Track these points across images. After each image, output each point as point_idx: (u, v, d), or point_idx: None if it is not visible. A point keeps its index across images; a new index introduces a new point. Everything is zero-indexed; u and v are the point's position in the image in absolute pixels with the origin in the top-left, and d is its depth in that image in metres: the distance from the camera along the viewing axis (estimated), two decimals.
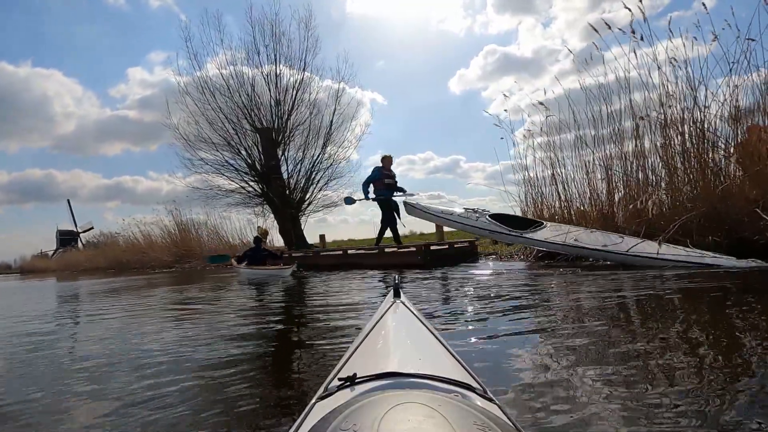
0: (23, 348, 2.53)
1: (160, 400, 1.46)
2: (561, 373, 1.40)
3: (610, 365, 1.45)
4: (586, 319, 2.20)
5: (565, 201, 6.37)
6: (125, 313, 3.95)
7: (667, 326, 1.98)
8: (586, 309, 2.47)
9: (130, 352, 2.27)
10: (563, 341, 1.81)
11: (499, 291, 3.48)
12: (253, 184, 12.38)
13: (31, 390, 1.65)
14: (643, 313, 2.37)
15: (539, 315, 2.42)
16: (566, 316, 2.32)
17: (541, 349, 1.72)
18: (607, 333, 1.88)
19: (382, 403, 0.47)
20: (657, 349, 1.60)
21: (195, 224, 15.70)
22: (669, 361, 1.45)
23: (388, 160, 7.49)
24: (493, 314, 2.51)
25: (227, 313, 3.48)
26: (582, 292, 3.10)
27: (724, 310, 2.28)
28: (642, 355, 1.52)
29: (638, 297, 2.75)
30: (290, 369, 1.82)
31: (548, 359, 1.57)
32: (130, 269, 16.27)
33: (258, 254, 7.89)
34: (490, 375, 1.43)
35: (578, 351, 1.64)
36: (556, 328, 2.04)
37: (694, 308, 2.42)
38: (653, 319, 2.18)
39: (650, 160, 5.48)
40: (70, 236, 37.91)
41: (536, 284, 3.81)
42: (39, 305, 5.39)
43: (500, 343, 1.87)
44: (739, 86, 4.75)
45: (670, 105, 5.20)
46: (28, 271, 30.82)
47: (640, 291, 2.95)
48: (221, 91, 11.71)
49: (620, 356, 1.54)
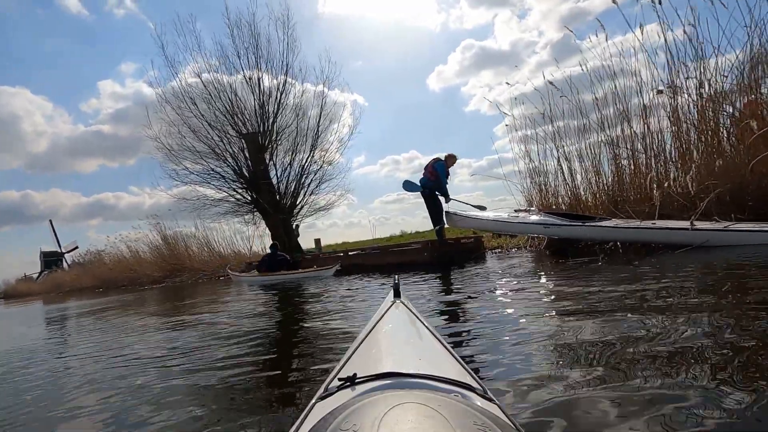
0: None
1: (159, 400, 1.51)
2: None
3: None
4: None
5: (573, 188, 6.43)
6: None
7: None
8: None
9: (128, 349, 2.31)
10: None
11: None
12: (242, 191, 12.41)
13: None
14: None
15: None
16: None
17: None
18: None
19: (382, 404, 0.49)
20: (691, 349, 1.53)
21: (183, 237, 15.73)
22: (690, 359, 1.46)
23: (453, 159, 7.23)
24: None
25: (239, 316, 3.51)
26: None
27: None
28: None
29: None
30: (290, 369, 1.85)
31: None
32: (119, 287, 16.30)
33: (275, 260, 8.41)
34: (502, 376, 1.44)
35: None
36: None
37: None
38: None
39: (659, 137, 5.54)
40: (54, 257, 37.94)
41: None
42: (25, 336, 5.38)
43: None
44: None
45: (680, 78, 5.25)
46: (11, 296, 30.75)
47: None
48: (202, 98, 11.75)
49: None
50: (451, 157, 7.17)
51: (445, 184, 6.96)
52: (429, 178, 7.02)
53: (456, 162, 7.22)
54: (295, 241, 12.36)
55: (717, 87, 5.05)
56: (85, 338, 3.60)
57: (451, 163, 7.14)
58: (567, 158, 6.46)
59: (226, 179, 12.30)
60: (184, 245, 15.58)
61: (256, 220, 12.84)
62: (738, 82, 4.97)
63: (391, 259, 7.39)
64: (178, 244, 15.72)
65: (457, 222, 6.46)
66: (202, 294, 7.63)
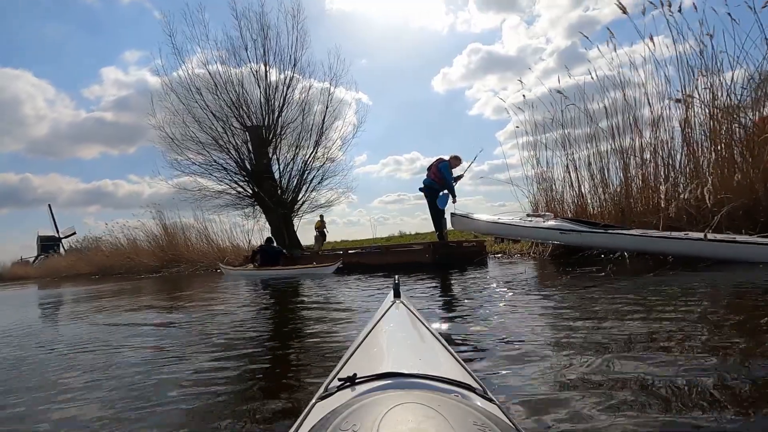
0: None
1: (158, 400, 1.50)
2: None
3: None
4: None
5: (579, 195, 6.42)
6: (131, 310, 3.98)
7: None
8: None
9: (127, 346, 2.31)
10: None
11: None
12: (243, 184, 12.43)
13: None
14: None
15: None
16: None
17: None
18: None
19: (382, 404, 0.49)
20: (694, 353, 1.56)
21: (183, 227, 15.77)
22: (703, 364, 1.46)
23: (458, 161, 7.19)
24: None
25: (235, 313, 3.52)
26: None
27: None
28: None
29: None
30: (290, 369, 1.85)
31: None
32: (115, 275, 16.35)
33: (272, 252, 8.46)
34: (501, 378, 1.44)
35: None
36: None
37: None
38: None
39: (668, 147, 5.52)
40: (51, 242, 38.10)
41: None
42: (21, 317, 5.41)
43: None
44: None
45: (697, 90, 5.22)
46: (7, 279, 30.94)
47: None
48: (208, 88, 11.77)
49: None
50: (456, 158, 7.12)
51: (452, 184, 6.93)
52: (433, 180, 7.00)
53: (461, 164, 7.18)
54: (295, 237, 12.39)
55: (732, 99, 5.02)
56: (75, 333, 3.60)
57: (455, 164, 7.10)
58: (575, 165, 6.45)
59: (228, 171, 12.35)
60: (183, 236, 15.62)
61: (256, 214, 12.89)
62: (753, 96, 4.95)
63: (392, 259, 7.39)
64: (177, 234, 15.76)
65: (464, 224, 6.16)
66: (199, 286, 7.65)
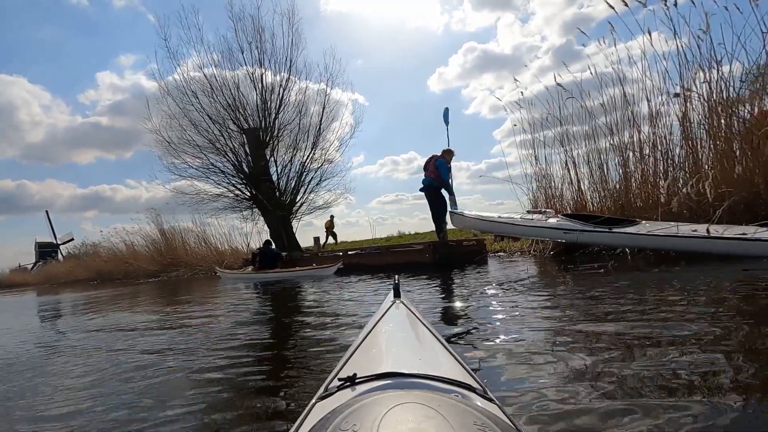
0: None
1: (158, 400, 1.51)
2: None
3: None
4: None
5: (579, 191, 6.43)
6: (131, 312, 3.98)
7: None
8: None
9: (126, 346, 2.32)
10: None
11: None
12: (241, 187, 12.45)
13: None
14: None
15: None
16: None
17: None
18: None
19: (382, 404, 0.49)
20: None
21: (181, 231, 15.77)
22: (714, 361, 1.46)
23: (450, 154, 7.16)
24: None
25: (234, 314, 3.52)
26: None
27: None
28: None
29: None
30: (290, 369, 1.85)
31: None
32: (113, 280, 16.35)
33: (270, 255, 8.46)
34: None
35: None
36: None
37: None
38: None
39: (666, 141, 5.53)
40: (49, 248, 38.05)
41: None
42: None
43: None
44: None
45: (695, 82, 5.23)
46: (6, 286, 30.87)
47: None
48: (204, 91, 11.79)
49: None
50: (448, 152, 7.13)
51: (448, 180, 6.91)
52: (432, 178, 6.97)
53: (453, 156, 7.19)
54: (294, 239, 12.39)
55: (731, 92, 5.03)
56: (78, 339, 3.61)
57: (449, 158, 7.11)
58: (574, 162, 6.45)
59: (225, 174, 12.36)
60: (181, 240, 15.63)
61: (254, 217, 12.90)
62: (751, 89, 4.96)
63: (392, 260, 7.39)
64: (175, 238, 15.77)
65: (464, 222, 6.07)
66: (198, 290, 7.65)
